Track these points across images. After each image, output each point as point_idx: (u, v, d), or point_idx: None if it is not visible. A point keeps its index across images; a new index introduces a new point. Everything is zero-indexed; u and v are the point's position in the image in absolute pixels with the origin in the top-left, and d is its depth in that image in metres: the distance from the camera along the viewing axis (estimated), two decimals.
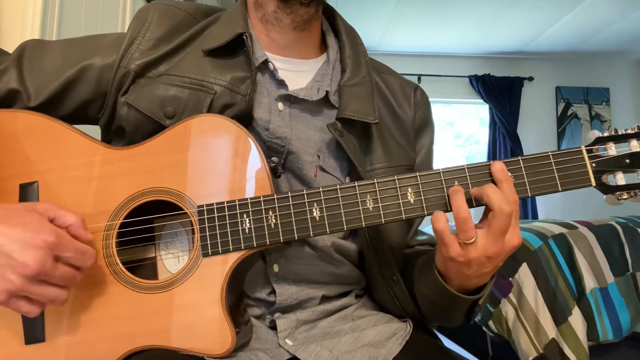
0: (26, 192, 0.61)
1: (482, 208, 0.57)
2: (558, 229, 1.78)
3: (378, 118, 0.69)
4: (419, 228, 0.81)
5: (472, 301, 0.62)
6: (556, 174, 0.57)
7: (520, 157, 0.58)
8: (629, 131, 0.58)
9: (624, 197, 0.58)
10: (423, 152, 0.79)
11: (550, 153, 0.58)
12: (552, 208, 4.53)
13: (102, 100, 0.68)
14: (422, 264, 0.67)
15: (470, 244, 0.54)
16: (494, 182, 0.56)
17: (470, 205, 0.56)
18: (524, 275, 1.64)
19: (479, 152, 4.76)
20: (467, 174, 0.58)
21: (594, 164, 0.57)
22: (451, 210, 0.56)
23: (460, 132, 4.85)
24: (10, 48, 0.70)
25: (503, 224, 0.53)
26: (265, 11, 0.70)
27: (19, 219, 0.51)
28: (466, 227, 0.54)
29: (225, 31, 0.68)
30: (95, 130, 0.70)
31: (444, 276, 0.61)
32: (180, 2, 0.73)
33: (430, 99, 0.83)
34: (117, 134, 0.70)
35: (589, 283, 1.64)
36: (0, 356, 0.58)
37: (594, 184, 0.58)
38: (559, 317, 1.56)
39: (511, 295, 1.65)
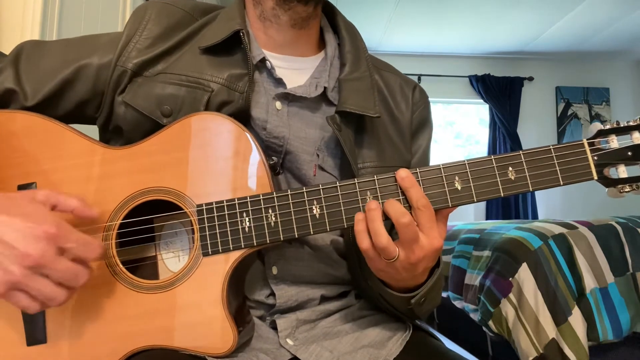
0: None
1: (483, 204, 0.58)
2: (558, 229, 1.78)
3: (378, 112, 0.69)
4: None
5: (407, 299, 0.63)
6: (557, 168, 0.57)
7: (521, 152, 0.58)
8: (631, 123, 0.57)
9: (626, 190, 0.57)
10: (420, 152, 0.78)
11: (551, 147, 0.57)
12: (552, 208, 4.53)
13: (100, 99, 0.68)
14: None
15: (393, 260, 0.55)
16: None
17: (386, 218, 0.56)
18: (524, 275, 1.64)
19: (479, 152, 4.76)
20: (468, 169, 0.57)
21: (595, 157, 0.57)
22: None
23: (460, 132, 4.86)
24: (10, 49, 0.70)
25: (407, 236, 0.54)
26: (263, 8, 0.70)
27: (20, 209, 0.49)
28: (387, 252, 0.55)
29: (222, 29, 0.67)
30: (92, 130, 0.70)
31: (382, 280, 0.63)
32: (178, 1, 0.72)
33: (430, 99, 0.82)
34: (114, 134, 0.70)
35: (589, 283, 1.64)
36: (2, 358, 0.58)
37: (595, 177, 0.57)
38: (559, 317, 1.56)
39: (511, 295, 1.65)
